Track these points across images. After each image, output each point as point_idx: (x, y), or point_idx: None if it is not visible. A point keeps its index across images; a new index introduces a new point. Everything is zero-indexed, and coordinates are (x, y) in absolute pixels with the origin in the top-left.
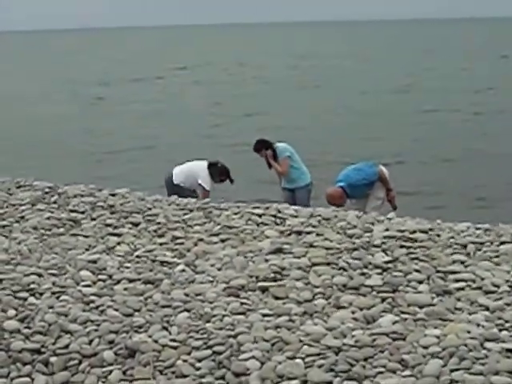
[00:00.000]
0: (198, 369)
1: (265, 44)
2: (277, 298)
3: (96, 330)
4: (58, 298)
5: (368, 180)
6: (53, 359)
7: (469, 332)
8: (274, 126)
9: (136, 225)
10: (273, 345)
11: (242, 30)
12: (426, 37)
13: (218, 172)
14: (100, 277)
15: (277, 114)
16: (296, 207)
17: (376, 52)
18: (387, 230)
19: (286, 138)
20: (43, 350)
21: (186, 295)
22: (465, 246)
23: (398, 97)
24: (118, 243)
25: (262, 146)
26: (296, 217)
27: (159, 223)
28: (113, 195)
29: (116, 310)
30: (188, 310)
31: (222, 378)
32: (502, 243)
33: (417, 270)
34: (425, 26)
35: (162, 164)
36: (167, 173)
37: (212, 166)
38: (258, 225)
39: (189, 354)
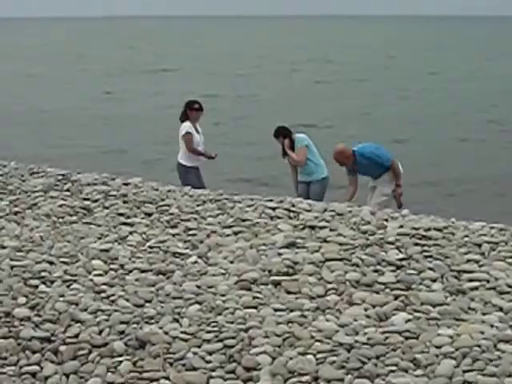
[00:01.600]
0: (209, 362)
1: (276, 37)
2: (289, 293)
3: (106, 320)
4: (69, 286)
5: (381, 159)
6: (62, 348)
7: (482, 333)
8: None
9: (149, 215)
10: (284, 340)
11: (250, 22)
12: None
13: (188, 108)
14: (112, 266)
15: (305, 109)
16: (310, 201)
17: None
18: (401, 226)
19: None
20: (53, 338)
21: (198, 287)
22: (479, 246)
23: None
24: (131, 233)
25: (282, 133)
26: (310, 211)
27: (172, 214)
28: (126, 184)
29: (127, 300)
30: (199, 303)
31: (233, 371)
32: None
33: (431, 269)
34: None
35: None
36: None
37: (183, 113)
38: (271, 218)
39: (199, 346)
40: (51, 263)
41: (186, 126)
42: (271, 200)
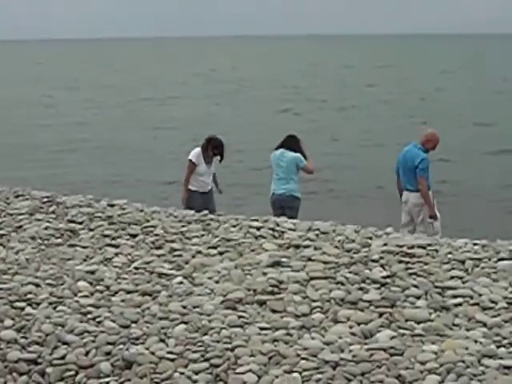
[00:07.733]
0: (195, 381)
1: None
2: (274, 312)
3: (93, 341)
4: (55, 308)
5: (415, 156)
6: (49, 370)
7: (466, 348)
8: None
9: (134, 236)
10: (270, 358)
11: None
12: None
13: (212, 145)
14: (97, 288)
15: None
16: (294, 220)
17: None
18: (385, 244)
19: None
20: (40, 360)
21: (184, 307)
22: (463, 262)
23: None
24: (116, 254)
25: (290, 141)
26: (294, 230)
27: (157, 235)
28: (111, 206)
29: (113, 321)
30: (185, 323)
31: None
32: (500, 259)
33: (415, 286)
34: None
35: None
36: None
37: (207, 141)
38: (256, 238)
39: (186, 366)
40: (37, 285)
41: (196, 152)
42: (256, 220)
